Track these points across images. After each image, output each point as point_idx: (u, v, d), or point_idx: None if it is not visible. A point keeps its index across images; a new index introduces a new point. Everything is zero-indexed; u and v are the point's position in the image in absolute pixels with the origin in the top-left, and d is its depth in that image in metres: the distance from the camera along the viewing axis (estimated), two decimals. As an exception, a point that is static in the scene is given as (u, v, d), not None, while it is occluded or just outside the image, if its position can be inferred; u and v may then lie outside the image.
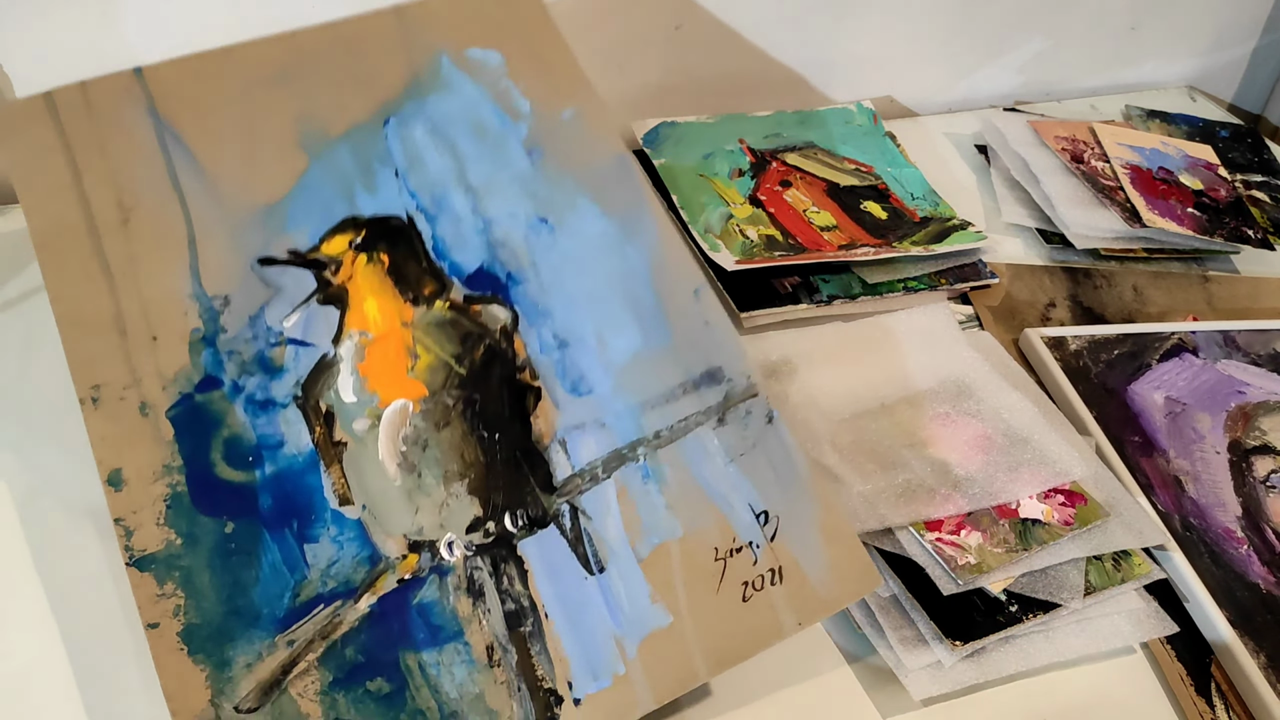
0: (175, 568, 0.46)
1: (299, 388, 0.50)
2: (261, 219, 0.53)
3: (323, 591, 0.47)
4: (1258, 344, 0.76)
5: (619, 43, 0.84)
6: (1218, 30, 1.07)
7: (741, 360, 0.53)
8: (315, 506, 0.48)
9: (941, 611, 0.54)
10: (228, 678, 0.45)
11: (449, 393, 0.51)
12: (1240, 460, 0.68)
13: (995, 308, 0.78)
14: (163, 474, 0.47)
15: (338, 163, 0.55)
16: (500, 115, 0.57)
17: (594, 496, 0.50)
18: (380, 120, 0.56)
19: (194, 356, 0.50)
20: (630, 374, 0.53)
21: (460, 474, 0.50)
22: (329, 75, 0.57)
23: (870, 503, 0.57)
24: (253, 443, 0.49)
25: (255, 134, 0.55)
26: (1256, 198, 0.92)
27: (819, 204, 0.80)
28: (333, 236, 0.53)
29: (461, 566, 0.49)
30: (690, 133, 0.83)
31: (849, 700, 0.54)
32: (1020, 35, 0.99)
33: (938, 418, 0.64)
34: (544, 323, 0.53)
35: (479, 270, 0.54)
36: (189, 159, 0.53)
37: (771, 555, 0.50)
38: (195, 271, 0.51)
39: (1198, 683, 0.57)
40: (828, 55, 0.92)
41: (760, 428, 0.52)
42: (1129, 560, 0.59)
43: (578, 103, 0.59)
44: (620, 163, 0.57)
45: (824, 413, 0.63)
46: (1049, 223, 0.85)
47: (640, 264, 0.55)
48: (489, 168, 0.56)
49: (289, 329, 0.51)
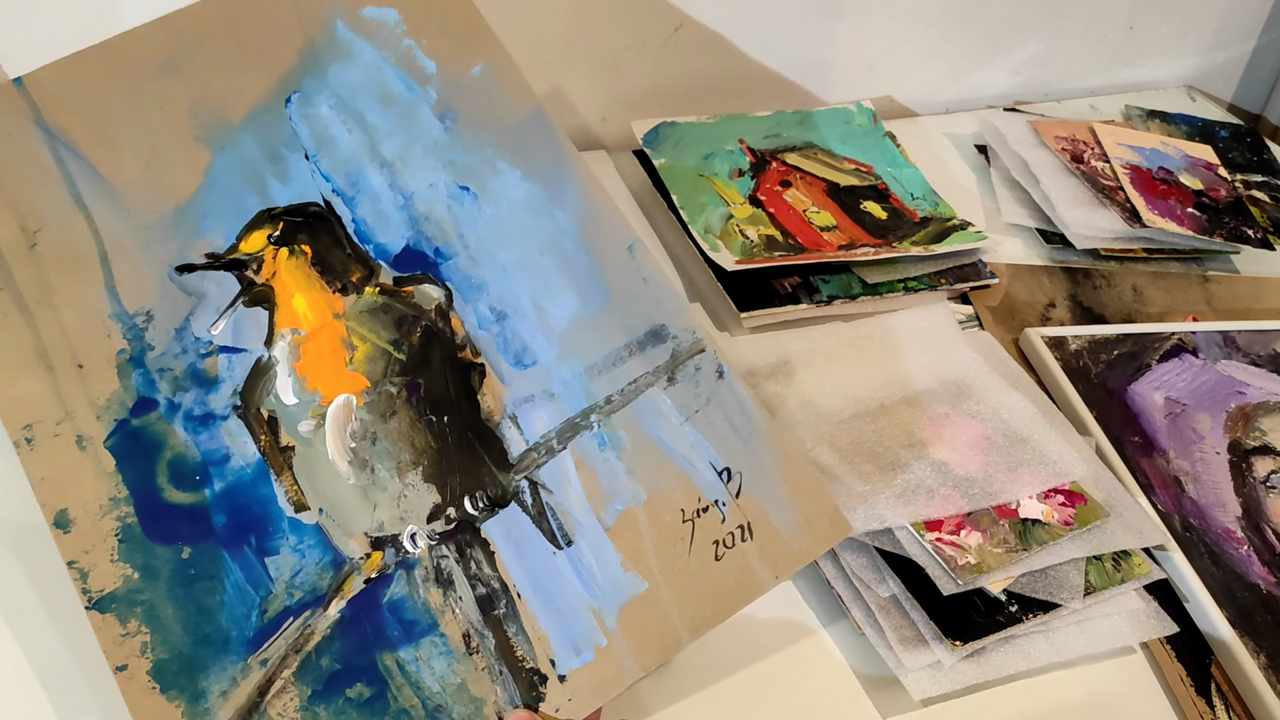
0: (136, 604, 0.45)
1: (237, 397, 0.49)
2: (172, 224, 0.51)
3: (290, 604, 0.46)
4: (1258, 344, 0.76)
5: (619, 43, 0.84)
6: (1217, 30, 1.07)
7: (684, 315, 0.52)
8: (271, 517, 0.47)
9: (941, 611, 0.54)
10: (204, 709, 0.44)
11: (391, 381, 0.50)
12: (1240, 461, 0.68)
13: (995, 308, 0.78)
14: (110, 507, 0.46)
15: (243, 152, 0.52)
16: (406, 81, 0.55)
17: (552, 469, 0.49)
18: (281, 99, 0.53)
19: (124, 379, 0.48)
20: (573, 339, 0.51)
21: (413, 462, 0.49)
22: (217, 56, 0.53)
23: (869, 503, 0.57)
24: (198, 460, 0.47)
25: (152, 133, 0.52)
26: (1256, 197, 0.92)
27: (819, 204, 0.80)
28: (249, 234, 0.51)
29: (427, 557, 0.48)
30: (690, 133, 0.84)
31: (849, 700, 0.54)
32: (1020, 35, 0.99)
33: (937, 418, 0.64)
34: (479, 296, 0.52)
35: (405, 249, 0.52)
36: (88, 170, 0.51)
37: (739, 511, 0.49)
38: (112, 290, 0.49)
39: (1198, 683, 0.57)
40: (828, 55, 0.92)
41: (712, 383, 0.51)
42: (1129, 560, 0.59)
43: (485, 57, 0.55)
44: (536, 118, 0.55)
45: (823, 413, 0.63)
46: (1049, 223, 0.85)
47: (569, 224, 0.53)
48: (402, 138, 0.54)
49: (218, 337, 0.50)
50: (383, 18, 0.55)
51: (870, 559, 0.57)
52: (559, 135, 0.55)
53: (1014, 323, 0.77)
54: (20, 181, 0.50)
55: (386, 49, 0.55)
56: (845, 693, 0.54)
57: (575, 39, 0.83)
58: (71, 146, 0.51)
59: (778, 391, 0.64)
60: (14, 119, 0.51)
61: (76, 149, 0.51)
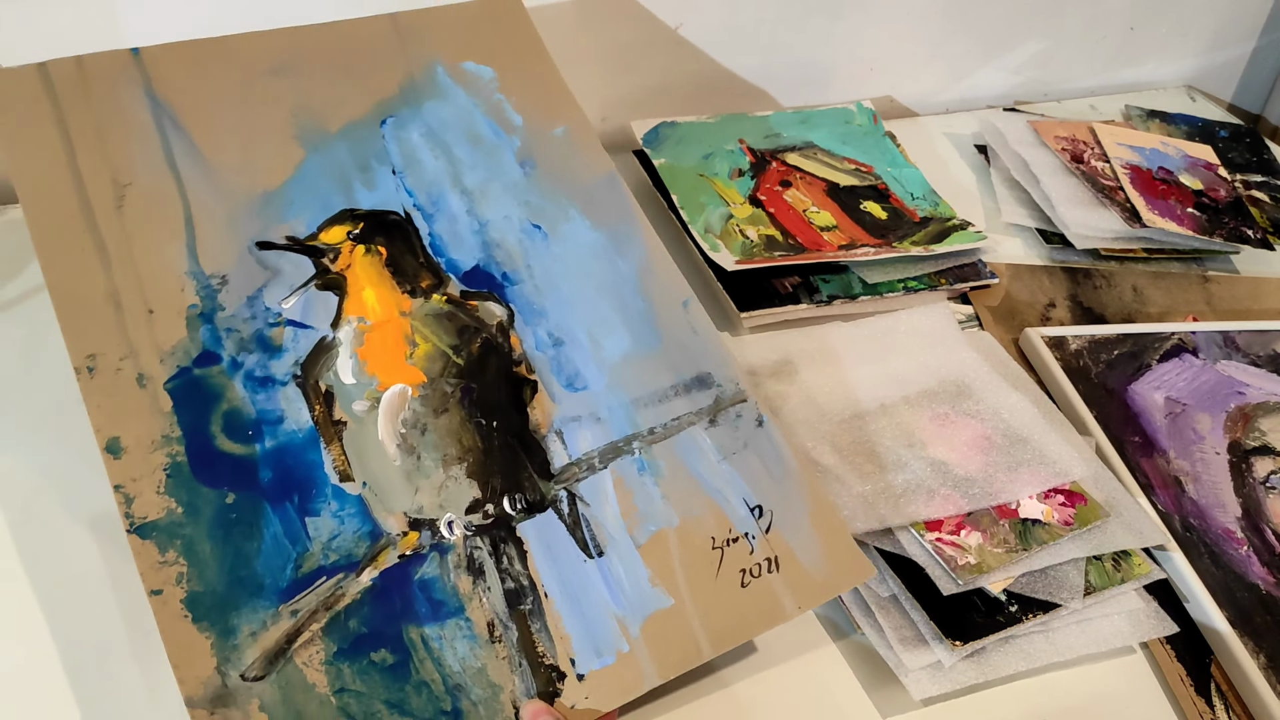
0: (177, 535, 0.46)
1: (298, 367, 0.51)
2: (259, 205, 0.53)
3: (325, 564, 0.47)
4: (1257, 345, 0.77)
5: (620, 42, 0.84)
6: (1217, 30, 1.07)
7: (730, 367, 0.56)
8: (316, 481, 0.49)
9: (941, 611, 0.54)
10: (233, 645, 0.45)
11: (447, 381, 0.52)
12: (1240, 461, 0.68)
13: (995, 308, 0.78)
14: (161, 444, 0.47)
15: (335, 157, 0.56)
16: (494, 127, 0.60)
17: (591, 485, 0.51)
18: (377, 120, 0.58)
19: (191, 331, 0.50)
20: (622, 373, 0.54)
21: (459, 458, 0.51)
22: (325, 72, 0.58)
23: (870, 503, 0.57)
24: (252, 417, 0.49)
25: (253, 123, 0.55)
26: (1256, 198, 0.92)
27: (819, 204, 0.80)
28: (331, 226, 0.54)
29: (461, 545, 0.49)
30: (690, 133, 0.84)
31: (849, 700, 0.54)
32: (1020, 35, 0.99)
33: (937, 418, 0.64)
34: (539, 321, 0.55)
35: (475, 268, 0.56)
36: (186, 141, 0.54)
37: (767, 545, 0.51)
38: (192, 250, 0.51)
39: (1198, 683, 0.57)
40: (828, 55, 0.92)
41: (751, 430, 0.54)
42: (1129, 560, 0.59)
43: (568, 121, 0.62)
44: (610, 180, 0.60)
45: (824, 413, 0.63)
46: (1049, 223, 0.85)
47: (630, 274, 0.57)
48: (484, 174, 0.58)
49: (288, 310, 0.52)
50: (480, 72, 0.62)
51: (870, 559, 0.57)
52: (629, 198, 0.60)
53: (1014, 323, 0.77)
54: (120, 138, 0.53)
55: (480, 98, 0.61)
56: (845, 693, 0.54)
57: (576, 39, 0.83)
58: (175, 117, 0.54)
59: (779, 391, 0.64)
60: (124, 83, 0.54)
61: (179, 121, 0.54)
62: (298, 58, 0.58)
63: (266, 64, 0.57)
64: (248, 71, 0.57)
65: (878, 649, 0.54)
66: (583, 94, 0.86)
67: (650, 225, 0.59)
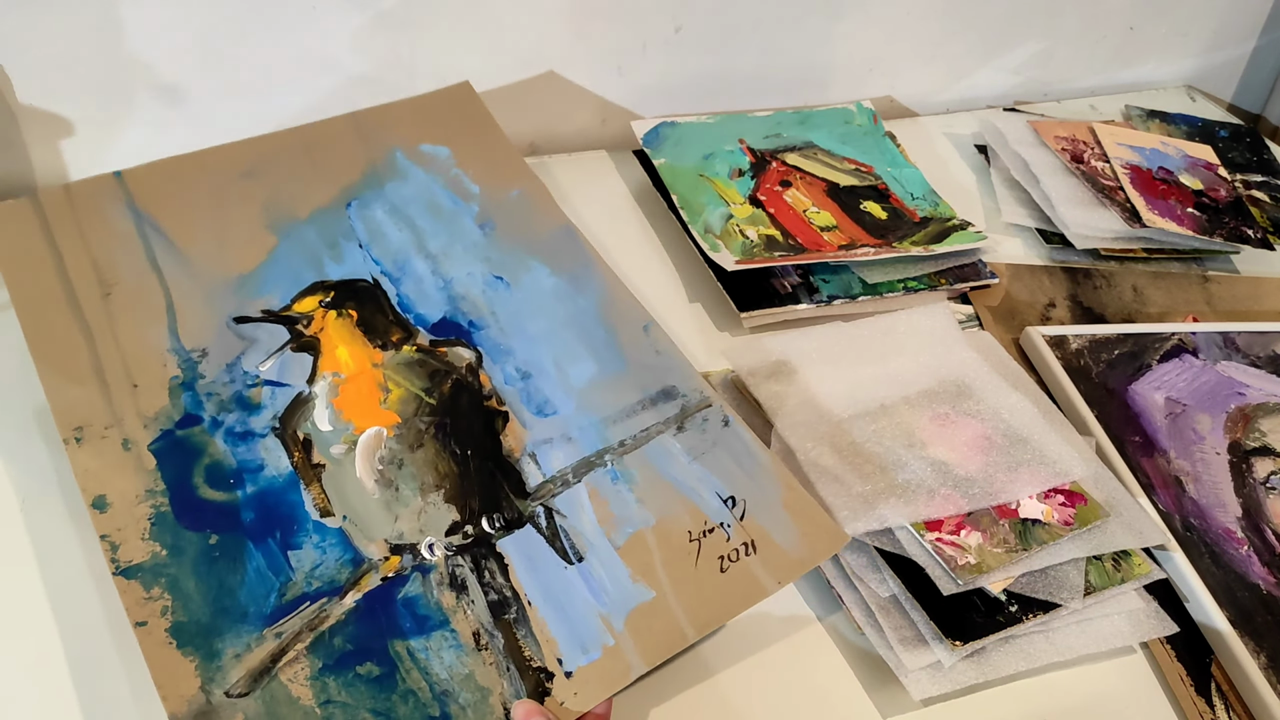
0: (161, 575, 0.48)
1: (276, 420, 0.54)
2: (235, 286, 0.58)
3: (308, 590, 0.49)
4: (1257, 346, 0.77)
5: (619, 43, 0.84)
6: (1216, 30, 1.07)
7: (694, 379, 0.58)
8: (298, 518, 0.51)
9: (941, 611, 0.54)
10: (217, 667, 0.46)
11: (420, 419, 0.55)
12: (1240, 461, 0.68)
13: (995, 308, 0.78)
14: (146, 497, 0.50)
15: (305, 239, 0.61)
16: (453, 197, 0.65)
17: (567, 498, 0.54)
18: (342, 204, 0.63)
19: (173, 399, 0.54)
20: (590, 395, 0.57)
21: (436, 485, 0.53)
22: (292, 170, 0.64)
23: (870, 503, 0.57)
24: (233, 467, 0.52)
25: (227, 220, 0.61)
26: (1256, 198, 0.92)
27: (819, 204, 0.80)
28: (303, 297, 0.59)
29: (443, 565, 0.51)
30: (690, 133, 0.83)
31: (849, 700, 0.54)
32: (1020, 35, 0.99)
33: (937, 418, 0.64)
34: (506, 359, 0.58)
35: (443, 319, 0.59)
36: (166, 243, 0.59)
37: (743, 531, 0.53)
38: (174, 330, 0.56)
39: (1198, 683, 0.57)
40: (828, 55, 0.92)
41: (718, 430, 0.56)
42: (1129, 560, 0.59)
43: (522, 185, 0.66)
44: (565, 232, 0.64)
45: (824, 413, 0.63)
46: (1049, 223, 0.85)
47: (590, 308, 0.61)
48: (446, 238, 0.63)
49: (265, 372, 0.56)
50: (436, 152, 0.67)
51: (870, 559, 0.57)
52: (584, 244, 0.64)
53: (1014, 323, 0.77)
54: (104, 246, 0.58)
55: (437, 174, 0.66)
56: (845, 693, 0.54)
57: (575, 39, 0.83)
58: (155, 224, 0.60)
59: (778, 391, 0.64)
60: (108, 201, 0.60)
61: (159, 226, 0.60)
62: (266, 161, 0.64)
63: (238, 169, 0.63)
64: (221, 178, 0.62)
65: (878, 649, 0.54)
66: (582, 95, 0.86)
67: (607, 264, 0.63)
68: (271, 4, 0.72)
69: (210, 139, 0.76)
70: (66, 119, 0.73)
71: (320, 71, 0.77)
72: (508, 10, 0.79)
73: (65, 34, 0.69)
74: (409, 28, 0.77)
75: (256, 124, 0.77)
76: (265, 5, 0.72)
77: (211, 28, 0.72)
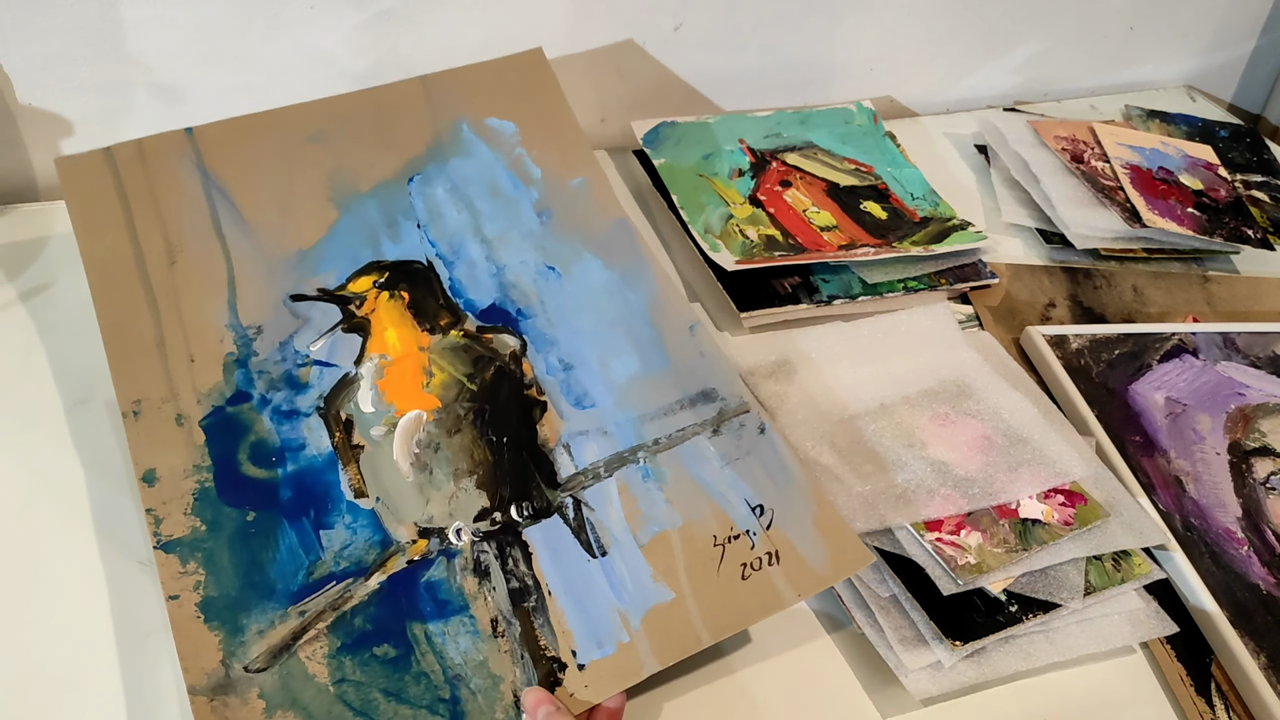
0: (198, 549, 0.50)
1: (321, 400, 0.56)
2: (294, 262, 0.59)
3: (335, 570, 0.50)
4: (1257, 346, 0.76)
5: (619, 43, 0.84)
6: (1216, 30, 1.07)
7: (735, 384, 0.58)
8: (332, 498, 0.53)
9: (941, 611, 0.54)
10: (240, 642, 0.48)
11: (460, 404, 0.56)
12: (1240, 461, 0.68)
13: (995, 308, 0.78)
14: (192, 472, 0.52)
15: (365, 215, 0.62)
16: (514, 180, 0.65)
17: (596, 491, 0.54)
18: (405, 178, 0.63)
19: (226, 375, 0.55)
20: (630, 392, 0.58)
21: (469, 471, 0.54)
22: (360, 137, 0.64)
23: (870, 503, 0.57)
24: (277, 445, 0.54)
25: (292, 189, 0.61)
26: (1256, 198, 0.92)
27: (819, 204, 0.80)
28: (358, 277, 0.60)
29: (469, 550, 0.52)
30: (690, 133, 0.83)
31: (849, 700, 0.54)
32: (1020, 35, 0.99)
33: (937, 418, 0.63)
34: (550, 350, 0.59)
35: (491, 306, 0.60)
36: (232, 209, 0.60)
37: (768, 540, 0.53)
38: (233, 306, 0.57)
39: (1198, 683, 0.57)
40: (828, 55, 0.92)
41: (754, 438, 0.56)
42: (1129, 560, 0.59)
43: (585, 173, 0.66)
44: (622, 224, 0.64)
45: (824, 413, 0.63)
46: (1049, 223, 0.85)
47: (640, 306, 0.61)
48: (503, 224, 0.63)
49: (315, 352, 0.57)
50: (502, 128, 0.66)
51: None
52: (640, 241, 0.64)
53: (1014, 323, 0.77)
54: (173, 208, 0.59)
55: (502, 152, 0.66)
56: (845, 693, 0.54)
57: (575, 39, 0.83)
58: (222, 188, 0.61)
59: (778, 391, 0.64)
60: (179, 159, 0.61)
61: (226, 190, 0.60)
62: (334, 124, 0.64)
63: (306, 132, 0.63)
64: (288, 140, 0.63)
65: (878, 649, 0.54)
66: (582, 94, 0.86)
67: (659, 262, 0.63)
68: (271, 3, 0.73)
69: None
70: (66, 119, 0.73)
71: (319, 70, 0.77)
72: (507, 10, 0.79)
73: (64, 33, 0.69)
74: (408, 26, 0.77)
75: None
76: (264, 4, 0.72)
77: (211, 27, 0.72)
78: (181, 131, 0.61)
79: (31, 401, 0.61)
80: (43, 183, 0.75)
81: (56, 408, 0.61)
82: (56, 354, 0.64)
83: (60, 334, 0.65)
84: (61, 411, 0.60)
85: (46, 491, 0.56)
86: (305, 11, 0.74)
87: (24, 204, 0.74)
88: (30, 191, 0.75)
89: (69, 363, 0.63)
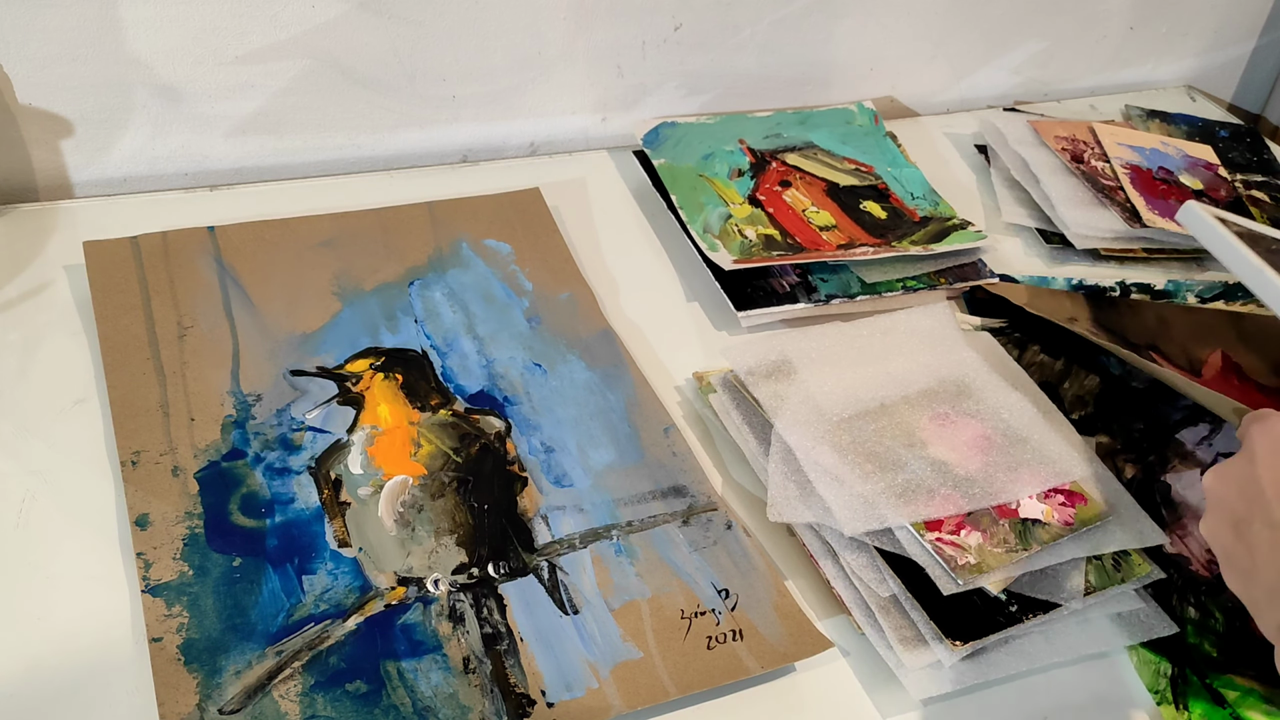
0: (184, 593, 0.52)
1: (313, 460, 0.59)
2: (297, 343, 0.65)
3: (315, 612, 0.52)
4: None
5: (619, 43, 0.84)
6: (1216, 30, 1.07)
7: (704, 483, 0.62)
8: (317, 547, 0.55)
9: (941, 611, 0.54)
10: (216, 684, 0.49)
11: (446, 473, 0.60)
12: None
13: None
14: (184, 519, 0.55)
15: (366, 309, 0.68)
16: (507, 290, 0.71)
17: (571, 559, 0.57)
18: (406, 282, 0.70)
19: (224, 435, 0.59)
20: (606, 477, 0.61)
21: (450, 530, 0.57)
22: (366, 246, 0.71)
23: (870, 503, 0.57)
24: (267, 498, 0.57)
25: (300, 283, 0.68)
26: (1256, 198, 0.92)
27: (818, 204, 0.80)
28: (356, 359, 0.65)
29: (445, 599, 0.54)
30: (690, 133, 0.83)
31: (849, 700, 0.54)
32: (1020, 35, 0.99)
33: (937, 418, 0.63)
34: (533, 434, 0.63)
35: (480, 392, 0.65)
36: (243, 296, 0.67)
37: (732, 620, 0.55)
38: (236, 375, 0.62)
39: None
40: (828, 55, 0.92)
41: (720, 531, 0.59)
42: (1129, 560, 0.59)
43: (572, 289, 0.72)
44: (605, 335, 0.69)
45: (823, 413, 0.63)
46: (1049, 223, 0.85)
47: (619, 405, 0.65)
48: (495, 325, 0.68)
49: (310, 419, 0.61)
50: (498, 247, 0.74)
51: (870, 559, 0.57)
52: (622, 349, 0.69)
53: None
54: (188, 292, 0.66)
55: (497, 267, 0.72)
56: (845, 693, 0.54)
57: (575, 38, 0.83)
58: (236, 278, 0.68)
59: (777, 391, 0.64)
60: (199, 252, 0.68)
61: (239, 280, 0.67)
62: (345, 234, 0.72)
63: (318, 238, 0.71)
64: (302, 244, 0.70)
65: (878, 649, 0.54)
66: (582, 94, 0.86)
67: (639, 367, 0.67)
68: (271, 3, 0.73)
69: (210, 139, 0.77)
70: (66, 119, 0.73)
71: (319, 71, 0.77)
72: (507, 10, 0.79)
73: (64, 34, 0.69)
74: (408, 27, 0.77)
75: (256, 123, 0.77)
76: (264, 4, 0.72)
77: (210, 27, 0.72)
78: (204, 229, 0.69)
79: (31, 401, 0.61)
80: (43, 183, 0.75)
81: (56, 408, 0.61)
82: (56, 354, 0.64)
83: (60, 334, 0.65)
84: (61, 411, 0.60)
85: (46, 491, 0.56)
86: (305, 11, 0.74)
87: (24, 204, 0.74)
88: (30, 191, 0.75)
89: (69, 363, 0.63)
